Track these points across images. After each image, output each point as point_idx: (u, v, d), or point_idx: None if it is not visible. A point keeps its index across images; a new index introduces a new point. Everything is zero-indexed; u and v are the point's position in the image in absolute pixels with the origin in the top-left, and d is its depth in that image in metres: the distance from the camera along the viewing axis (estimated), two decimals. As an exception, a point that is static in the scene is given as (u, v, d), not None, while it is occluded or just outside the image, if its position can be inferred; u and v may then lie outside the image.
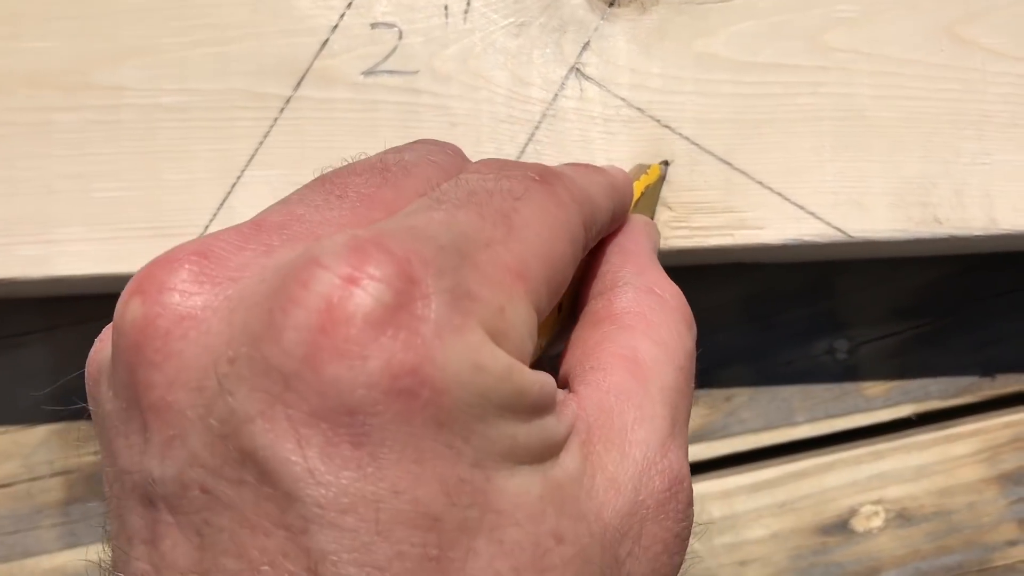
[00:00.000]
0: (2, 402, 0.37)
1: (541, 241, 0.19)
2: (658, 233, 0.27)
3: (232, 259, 0.18)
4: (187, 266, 0.17)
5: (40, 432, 0.37)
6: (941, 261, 0.38)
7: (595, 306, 0.23)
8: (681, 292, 0.24)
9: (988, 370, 0.38)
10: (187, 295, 0.17)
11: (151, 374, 0.17)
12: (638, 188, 0.28)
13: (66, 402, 0.37)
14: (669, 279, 0.24)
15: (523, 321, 0.18)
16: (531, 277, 0.18)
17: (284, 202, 0.20)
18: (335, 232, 0.18)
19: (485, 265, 0.17)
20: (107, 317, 0.18)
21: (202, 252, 0.18)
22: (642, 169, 0.30)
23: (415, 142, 0.23)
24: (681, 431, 0.21)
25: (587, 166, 0.25)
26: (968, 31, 0.33)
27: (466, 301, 0.17)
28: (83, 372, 0.20)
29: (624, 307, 0.22)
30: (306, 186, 0.20)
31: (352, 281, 0.16)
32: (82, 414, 0.33)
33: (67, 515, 0.37)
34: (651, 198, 0.30)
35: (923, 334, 0.38)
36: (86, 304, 0.37)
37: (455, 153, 0.23)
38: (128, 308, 0.17)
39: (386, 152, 0.22)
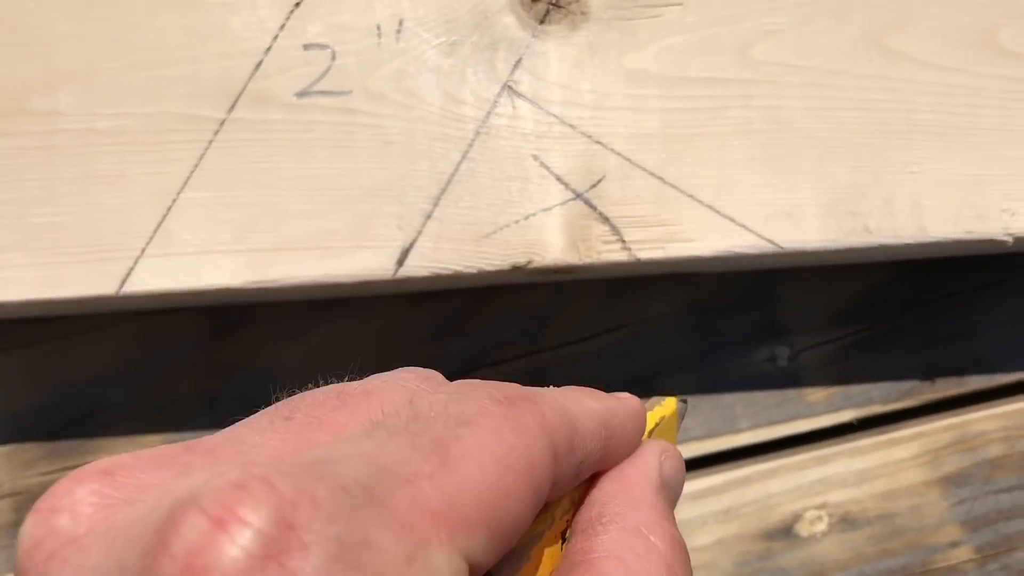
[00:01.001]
0: (-50, 425, 0.37)
1: (483, 475, 0.17)
2: (681, 466, 0.23)
3: (138, 480, 0.16)
4: (88, 485, 0.16)
5: (-13, 454, 0.37)
6: (879, 267, 0.38)
7: (573, 546, 0.20)
8: (680, 539, 0.20)
9: (928, 374, 0.39)
10: (78, 517, 0.16)
11: None
12: (651, 419, 0.25)
13: (15, 425, 0.37)
14: (669, 520, 0.21)
15: (441, 572, 0.16)
16: (462, 519, 0.16)
17: (235, 424, 0.19)
18: (259, 459, 0.17)
19: (397, 506, 0.15)
20: (50, 338, 0.18)
21: (107, 471, 0.17)
22: (656, 402, 0.27)
23: (397, 369, 0.21)
24: None
25: (583, 390, 0.21)
26: (895, 41, 0.34)
27: (359, 551, 0.15)
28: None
29: (604, 551, 0.19)
30: (264, 409, 0.19)
31: (220, 526, 0.14)
32: (28, 436, 0.33)
33: (13, 536, 0.37)
34: (666, 433, 0.27)
35: (863, 339, 0.39)
36: (30, 327, 0.37)
37: (431, 377, 0.20)
38: (25, 524, 0.16)
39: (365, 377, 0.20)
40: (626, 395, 0.23)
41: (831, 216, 0.33)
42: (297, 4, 0.33)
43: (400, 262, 0.32)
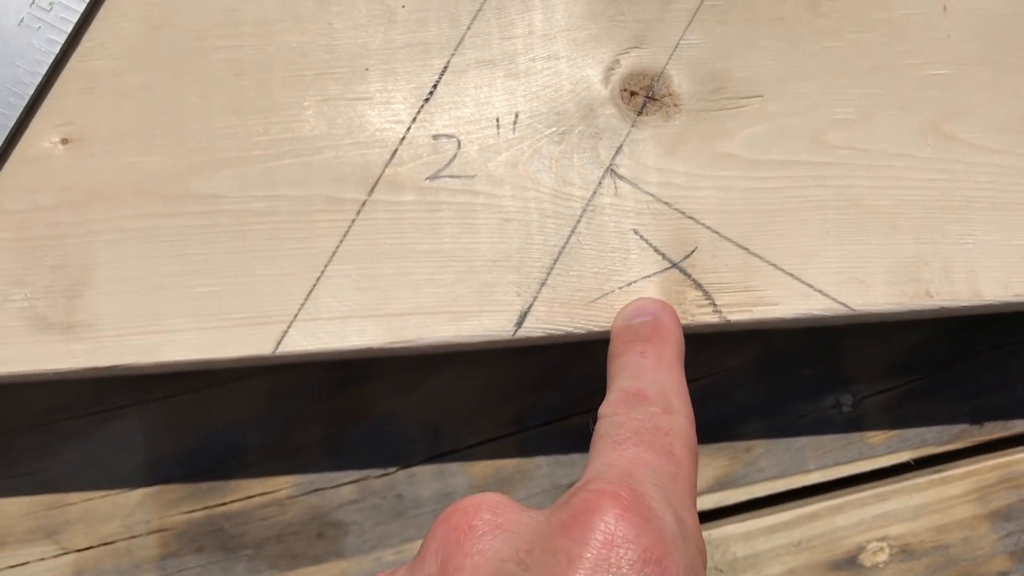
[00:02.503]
0: (103, 468, 0.41)
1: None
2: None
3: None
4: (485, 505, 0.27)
5: (137, 495, 0.41)
6: (932, 323, 0.43)
7: None
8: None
9: (977, 418, 0.43)
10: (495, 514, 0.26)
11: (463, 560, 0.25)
12: None
13: (159, 468, 0.41)
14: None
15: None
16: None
17: None
18: None
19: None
20: (190, 391, 0.23)
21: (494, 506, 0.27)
22: None
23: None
24: None
25: (653, 345, 0.34)
26: (951, 127, 0.38)
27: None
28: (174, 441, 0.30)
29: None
30: None
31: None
32: (171, 479, 0.38)
33: (163, 568, 0.41)
34: None
35: (918, 388, 0.43)
36: (170, 381, 0.41)
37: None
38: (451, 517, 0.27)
39: None
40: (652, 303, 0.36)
41: (896, 283, 0.37)
42: (426, 100, 0.38)
43: (519, 324, 0.37)
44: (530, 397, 0.42)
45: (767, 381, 0.43)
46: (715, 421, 0.42)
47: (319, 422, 0.42)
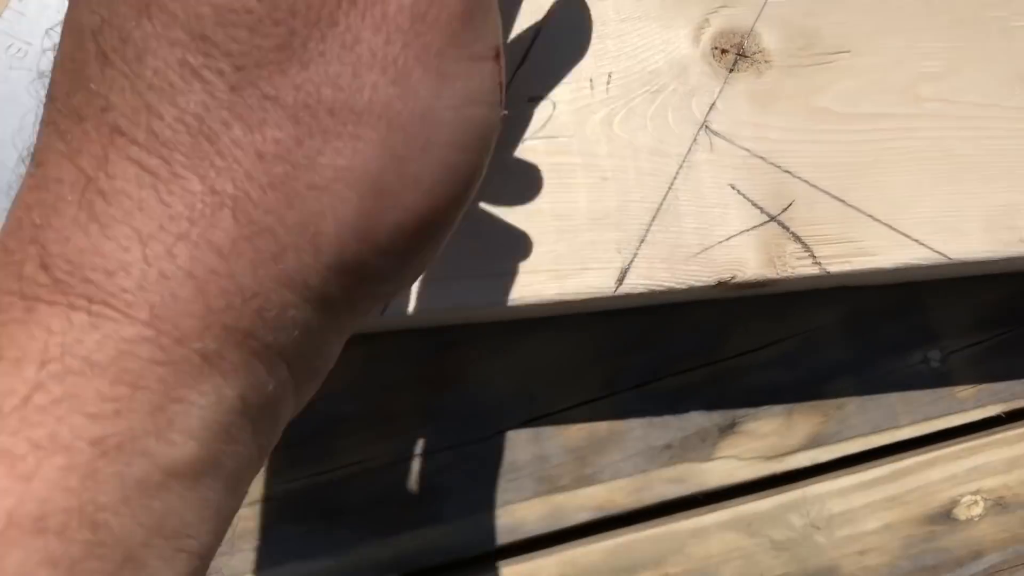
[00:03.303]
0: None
1: None
2: None
3: None
4: None
5: (236, 466, 0.42)
6: (1013, 276, 0.43)
7: None
8: None
9: (1065, 370, 0.44)
10: None
11: None
12: None
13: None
14: None
15: None
16: None
17: None
18: None
19: None
20: None
21: None
22: None
23: None
24: None
25: None
26: (1036, 77, 0.39)
27: None
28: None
29: None
30: None
31: None
32: (274, 449, 0.38)
33: (266, 537, 0.41)
34: None
35: (1005, 341, 0.44)
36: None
37: None
38: None
39: None
40: None
41: (990, 230, 0.38)
42: (520, 63, 0.38)
43: (620, 280, 0.37)
44: (620, 360, 0.43)
45: (855, 339, 0.43)
46: (806, 379, 0.43)
47: (414, 389, 0.42)
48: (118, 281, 0.19)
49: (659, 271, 0.37)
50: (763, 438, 0.42)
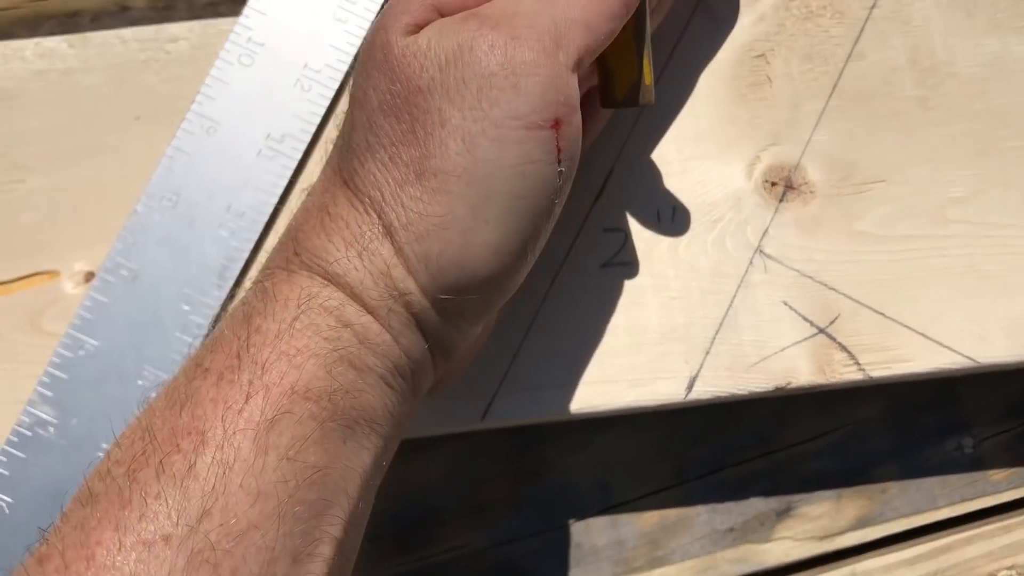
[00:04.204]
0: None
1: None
2: None
3: None
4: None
5: (348, 553, 0.47)
6: (1039, 369, 0.48)
7: None
8: None
9: (1087, 454, 0.48)
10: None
11: None
12: None
13: (367, 530, 0.47)
14: None
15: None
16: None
17: None
18: None
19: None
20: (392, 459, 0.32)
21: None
22: None
23: None
24: None
25: None
26: (1050, 199, 0.44)
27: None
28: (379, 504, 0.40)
29: None
30: None
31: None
32: (380, 537, 0.43)
33: None
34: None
35: (1032, 429, 0.49)
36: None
37: None
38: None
39: None
40: None
41: (1013, 336, 0.43)
42: (596, 198, 0.44)
43: (689, 388, 0.43)
44: (687, 453, 0.48)
45: (896, 429, 0.48)
46: (853, 466, 0.48)
47: (504, 481, 0.47)
48: (334, 268, 0.30)
49: (723, 379, 0.43)
50: (815, 520, 0.47)
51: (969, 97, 0.45)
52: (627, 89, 0.36)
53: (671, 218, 0.44)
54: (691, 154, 0.45)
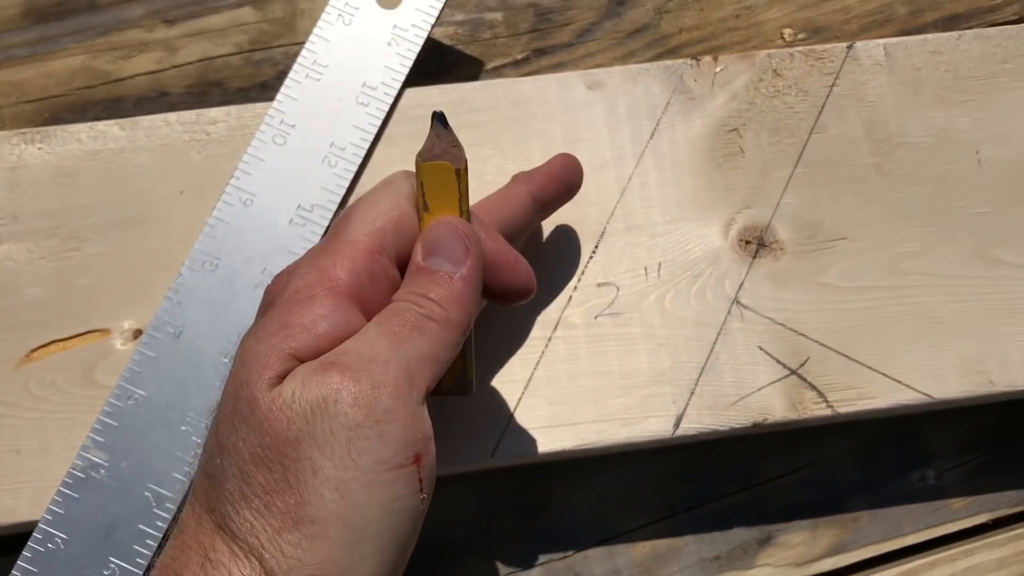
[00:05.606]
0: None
1: None
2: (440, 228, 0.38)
3: None
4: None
5: None
6: (994, 405, 0.53)
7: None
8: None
9: (1039, 483, 0.53)
10: None
11: None
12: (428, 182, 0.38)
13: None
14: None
15: None
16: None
17: None
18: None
19: None
20: None
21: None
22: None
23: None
24: None
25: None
26: (994, 252, 0.50)
27: None
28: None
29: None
30: None
31: None
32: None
33: None
34: (444, 189, 0.39)
35: (989, 460, 0.53)
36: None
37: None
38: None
39: None
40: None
41: (965, 375, 0.48)
42: (591, 256, 0.49)
43: (676, 425, 0.47)
44: (676, 488, 0.53)
45: (865, 463, 0.53)
46: (827, 497, 0.53)
47: (510, 517, 0.52)
48: None
49: (706, 417, 0.48)
50: (794, 548, 0.52)
51: (919, 163, 0.51)
52: (451, 382, 0.39)
53: (657, 274, 0.49)
54: (674, 217, 0.50)
